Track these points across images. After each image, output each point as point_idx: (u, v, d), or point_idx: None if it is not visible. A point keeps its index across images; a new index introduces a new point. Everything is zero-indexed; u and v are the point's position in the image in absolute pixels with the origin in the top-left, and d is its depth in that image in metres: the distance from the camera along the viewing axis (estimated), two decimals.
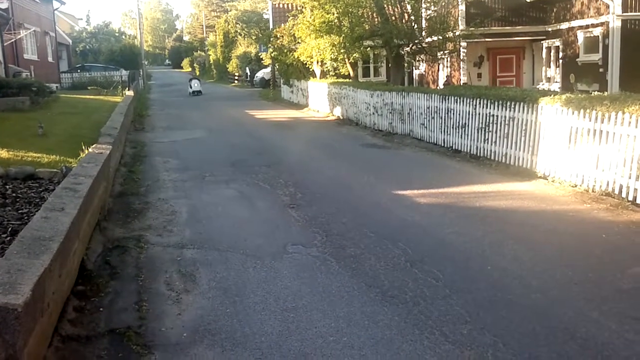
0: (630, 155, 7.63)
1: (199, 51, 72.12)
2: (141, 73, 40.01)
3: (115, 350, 4.17)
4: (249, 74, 43.35)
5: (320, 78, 23.77)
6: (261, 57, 36.62)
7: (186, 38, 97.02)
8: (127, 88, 29.52)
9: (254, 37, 46.44)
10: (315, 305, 4.83)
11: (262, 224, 7.39)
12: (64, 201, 5.25)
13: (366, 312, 4.68)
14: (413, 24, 19.98)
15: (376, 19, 20.59)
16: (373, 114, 16.60)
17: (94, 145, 9.14)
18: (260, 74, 39.76)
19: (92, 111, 19.98)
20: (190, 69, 70.53)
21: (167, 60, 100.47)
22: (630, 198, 7.61)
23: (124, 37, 77.26)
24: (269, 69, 36.73)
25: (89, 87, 30.97)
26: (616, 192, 7.88)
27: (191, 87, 35.23)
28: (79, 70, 39.76)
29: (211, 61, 58.80)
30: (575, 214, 7.42)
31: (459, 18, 21.18)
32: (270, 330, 4.42)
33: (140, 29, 44.28)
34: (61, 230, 4.42)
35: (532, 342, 4.13)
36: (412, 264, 5.70)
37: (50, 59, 32.82)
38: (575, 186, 8.65)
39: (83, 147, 10.43)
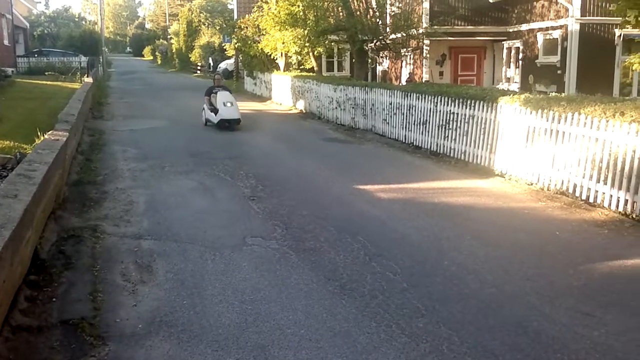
0: (584, 156, 7.83)
1: (161, 40, 70.88)
2: (101, 60, 38.99)
3: (68, 341, 4.09)
4: (212, 64, 42.81)
5: (284, 71, 23.67)
6: (225, 47, 36.09)
7: (148, 26, 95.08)
8: (86, 75, 28.82)
9: (217, 27, 45.83)
10: (274, 298, 4.83)
11: (221, 215, 7.33)
12: (17, 188, 5.10)
13: (324, 305, 4.70)
14: (378, 19, 20.09)
15: (341, 14, 20.62)
16: (336, 108, 16.62)
17: (50, 132, 8.90)
18: (223, 65, 39.26)
19: (49, 97, 19.49)
20: (152, 57, 69.13)
21: (128, 48, 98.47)
22: (584, 197, 7.82)
23: (84, 22, 75.53)
24: (232, 60, 36.28)
25: (46, 73, 30.15)
26: (570, 191, 8.09)
27: (217, 108, 15.23)
28: (36, 55, 38.66)
29: (174, 50, 57.89)
30: (531, 212, 7.59)
31: (423, 15, 21.39)
32: (228, 323, 4.40)
33: (101, 14, 43.22)
34: (14, 217, 4.30)
35: (486, 336, 4.21)
36: (370, 257, 5.74)
37: (6, 42, 31.79)
38: (531, 184, 8.84)
39: (39, 134, 10.18)
